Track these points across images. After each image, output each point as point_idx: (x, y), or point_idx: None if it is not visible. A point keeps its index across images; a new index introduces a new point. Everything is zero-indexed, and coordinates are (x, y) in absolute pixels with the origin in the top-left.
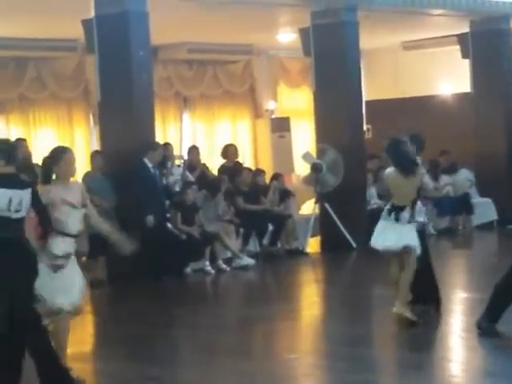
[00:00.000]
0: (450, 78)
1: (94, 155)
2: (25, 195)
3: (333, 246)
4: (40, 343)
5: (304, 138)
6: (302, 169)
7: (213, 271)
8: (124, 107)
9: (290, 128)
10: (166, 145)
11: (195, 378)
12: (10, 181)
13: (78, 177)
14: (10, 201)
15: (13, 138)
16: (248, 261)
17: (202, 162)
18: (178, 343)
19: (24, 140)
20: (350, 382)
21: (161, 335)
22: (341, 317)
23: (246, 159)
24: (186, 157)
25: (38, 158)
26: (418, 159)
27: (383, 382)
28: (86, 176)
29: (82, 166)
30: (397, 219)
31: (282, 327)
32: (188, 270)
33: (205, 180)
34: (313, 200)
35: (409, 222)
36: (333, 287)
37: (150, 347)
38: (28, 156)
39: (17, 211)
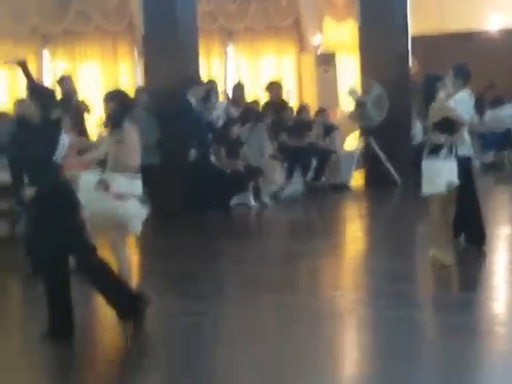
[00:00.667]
0: (499, 12)
1: (138, 91)
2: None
3: (376, 180)
4: (101, 268)
5: (349, 73)
6: (346, 104)
7: (256, 205)
8: (168, 42)
9: (335, 62)
10: (210, 80)
11: (238, 312)
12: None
13: None
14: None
15: (58, 73)
16: (294, 188)
17: (246, 97)
18: (222, 277)
19: (68, 76)
20: (392, 318)
21: (205, 269)
22: (384, 253)
23: (290, 94)
24: (230, 92)
25: (82, 93)
26: (464, 91)
27: (425, 320)
28: None
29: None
30: (436, 154)
31: (325, 262)
32: (232, 203)
33: (248, 115)
34: (357, 134)
35: (450, 156)
36: (376, 222)
37: (194, 282)
38: (73, 92)
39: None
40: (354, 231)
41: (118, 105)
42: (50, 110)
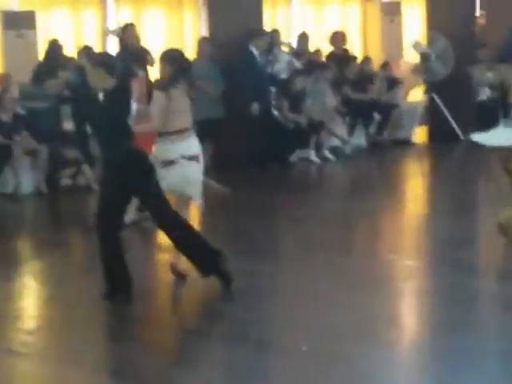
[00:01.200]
0: None
1: (202, 41)
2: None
3: (439, 136)
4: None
5: (415, 23)
6: (411, 55)
7: (318, 160)
8: None
9: (400, 12)
10: (274, 31)
11: (293, 272)
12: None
13: None
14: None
15: (122, 20)
16: (356, 143)
17: (310, 48)
18: (278, 235)
19: (132, 25)
20: (453, 286)
21: (261, 226)
22: (445, 215)
23: (354, 45)
24: (293, 44)
25: (146, 42)
26: None
27: (488, 289)
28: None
29: (189, 52)
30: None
31: (383, 223)
32: (293, 158)
33: (312, 68)
34: (421, 88)
35: None
36: (438, 181)
37: (250, 239)
38: (137, 41)
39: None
40: (416, 189)
41: (176, 69)
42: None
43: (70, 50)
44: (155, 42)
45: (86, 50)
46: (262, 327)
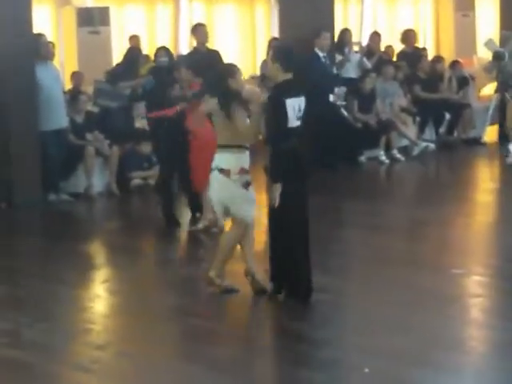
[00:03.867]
0: None
1: (272, 42)
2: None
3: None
4: None
5: (489, 19)
6: (484, 51)
7: (387, 161)
8: None
9: (474, 7)
10: (345, 30)
11: (360, 288)
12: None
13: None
14: (294, 109)
15: (195, 18)
16: (426, 143)
17: (382, 47)
18: (345, 247)
19: (203, 25)
20: None
21: (327, 237)
22: None
23: (426, 42)
24: (364, 43)
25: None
26: None
27: None
28: (263, 65)
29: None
30: None
31: (452, 234)
32: (362, 158)
33: (382, 67)
34: (492, 85)
35: None
36: (509, 186)
37: (320, 251)
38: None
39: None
40: (486, 195)
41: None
42: None
43: (144, 47)
44: (227, 40)
45: (163, 50)
46: (326, 346)
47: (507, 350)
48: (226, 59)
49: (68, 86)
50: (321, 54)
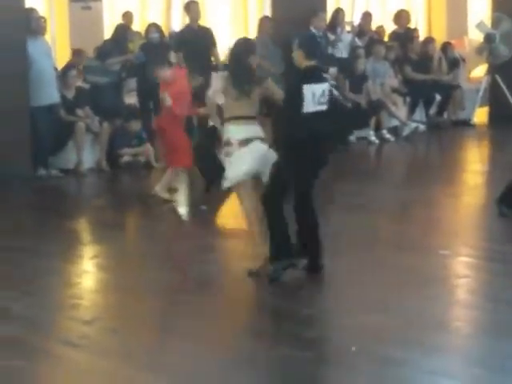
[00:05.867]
0: None
1: (264, 20)
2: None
3: (500, 118)
4: None
5: (481, 1)
6: (476, 33)
7: (377, 141)
8: None
9: None
10: (337, 10)
11: (347, 269)
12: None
13: None
14: (314, 95)
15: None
16: (416, 123)
17: (374, 27)
18: (332, 227)
19: (196, 2)
20: (509, 287)
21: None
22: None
23: (418, 23)
24: (356, 23)
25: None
26: None
27: None
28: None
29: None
30: None
31: (439, 215)
32: (352, 138)
33: (373, 47)
34: (483, 66)
35: None
36: (498, 169)
37: None
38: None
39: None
40: (473, 178)
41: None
42: None
43: (135, 23)
44: (219, 17)
45: (154, 27)
46: (312, 325)
47: (492, 331)
48: (218, 37)
49: (63, 61)
50: (317, 34)
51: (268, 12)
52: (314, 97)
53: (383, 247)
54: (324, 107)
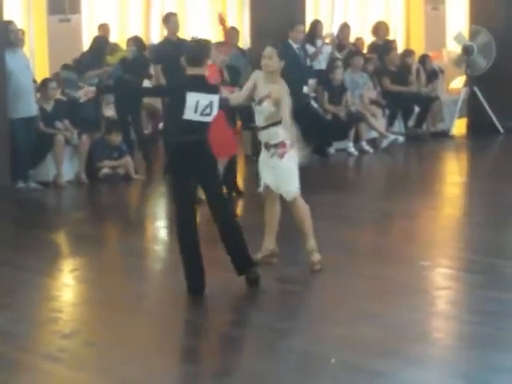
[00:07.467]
0: None
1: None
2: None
3: (479, 129)
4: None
5: (459, 13)
6: (454, 45)
7: (356, 152)
8: None
9: (444, 0)
10: (316, 22)
11: (327, 280)
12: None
13: None
14: (197, 104)
15: (167, 7)
16: (395, 136)
17: (352, 39)
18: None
19: (175, 15)
20: (489, 299)
21: (294, 227)
22: (482, 219)
23: (397, 35)
24: (335, 34)
25: (188, 32)
26: None
27: None
28: None
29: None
30: None
31: (419, 227)
32: (331, 150)
33: (352, 59)
34: (461, 78)
35: None
36: (477, 180)
37: (286, 242)
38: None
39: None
40: (453, 189)
41: None
42: None
43: (114, 36)
44: (198, 28)
45: (134, 40)
46: (292, 336)
47: (472, 342)
48: None
49: (42, 74)
50: (295, 46)
51: (247, 25)
52: (198, 106)
53: (363, 258)
54: (208, 119)
